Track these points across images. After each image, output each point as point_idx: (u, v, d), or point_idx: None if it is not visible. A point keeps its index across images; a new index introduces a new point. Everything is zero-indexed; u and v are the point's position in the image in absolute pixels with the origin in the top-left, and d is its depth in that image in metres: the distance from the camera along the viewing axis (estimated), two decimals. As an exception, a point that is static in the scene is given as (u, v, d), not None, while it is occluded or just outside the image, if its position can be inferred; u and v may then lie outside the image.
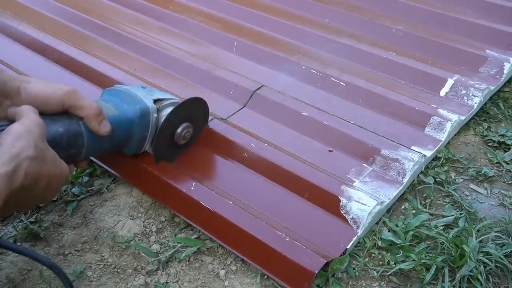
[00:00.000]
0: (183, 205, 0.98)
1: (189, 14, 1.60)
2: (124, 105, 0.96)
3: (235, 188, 1.00)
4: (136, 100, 0.97)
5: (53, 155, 0.79)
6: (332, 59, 1.37)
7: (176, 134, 1.03)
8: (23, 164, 0.71)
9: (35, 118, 0.78)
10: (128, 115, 0.95)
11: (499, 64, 1.32)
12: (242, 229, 0.91)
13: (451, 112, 1.17)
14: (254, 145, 1.07)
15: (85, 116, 0.86)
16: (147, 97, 0.99)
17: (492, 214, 1.01)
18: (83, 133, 0.86)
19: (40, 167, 0.75)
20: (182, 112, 1.02)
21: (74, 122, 0.86)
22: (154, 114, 0.98)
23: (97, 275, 0.90)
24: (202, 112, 1.09)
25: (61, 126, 0.84)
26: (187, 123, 1.04)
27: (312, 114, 1.16)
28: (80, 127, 0.86)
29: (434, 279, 0.88)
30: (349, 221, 0.93)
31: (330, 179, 1.00)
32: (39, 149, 0.75)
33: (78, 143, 0.86)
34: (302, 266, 0.85)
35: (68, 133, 0.84)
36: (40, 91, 0.84)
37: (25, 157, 0.72)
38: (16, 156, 0.71)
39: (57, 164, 0.79)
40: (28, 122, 0.76)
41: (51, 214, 1.00)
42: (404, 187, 1.03)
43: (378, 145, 1.08)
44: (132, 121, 0.95)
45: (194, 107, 1.05)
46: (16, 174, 0.71)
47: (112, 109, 0.93)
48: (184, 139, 1.05)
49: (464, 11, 1.53)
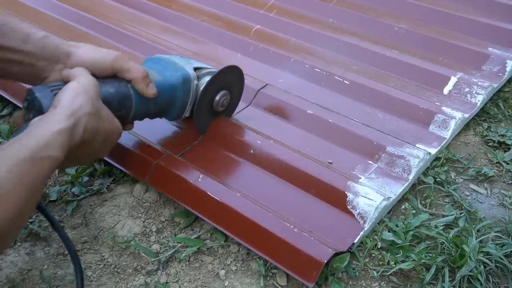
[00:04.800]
0: (190, 196, 0.98)
1: (192, 13, 1.60)
2: (166, 72, 0.99)
3: (242, 183, 1.01)
4: (177, 67, 1.01)
5: (108, 113, 0.84)
6: (335, 58, 1.37)
7: (215, 101, 1.07)
8: (82, 120, 0.76)
9: (90, 78, 0.83)
10: (170, 81, 0.99)
11: (501, 62, 1.32)
12: (249, 219, 0.92)
13: (455, 110, 1.17)
14: (260, 142, 1.07)
15: (133, 78, 0.90)
16: (187, 65, 1.03)
17: (492, 214, 1.01)
18: (132, 95, 0.91)
19: (97, 123, 0.80)
20: (220, 80, 1.06)
21: (123, 84, 0.90)
22: (194, 81, 1.03)
23: (97, 275, 0.90)
24: (238, 80, 1.13)
25: (111, 88, 0.88)
26: (224, 91, 1.08)
27: (316, 112, 1.16)
28: (129, 90, 0.90)
29: (434, 279, 0.88)
30: (356, 216, 0.94)
31: (336, 175, 1.01)
32: (96, 106, 0.80)
33: (127, 105, 0.90)
34: (310, 256, 0.85)
35: (118, 94, 0.89)
36: (90, 55, 0.88)
37: (83, 113, 0.76)
38: (76, 112, 0.75)
39: (112, 121, 0.85)
40: (84, 81, 0.81)
41: (51, 214, 1.00)
42: (410, 183, 1.02)
43: (383, 142, 1.08)
44: (175, 87, 0.99)
45: (230, 75, 1.09)
46: (76, 129, 0.75)
47: (155, 75, 0.96)
48: (222, 106, 1.10)
49: (467, 9, 1.52)
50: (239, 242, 0.92)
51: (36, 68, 0.86)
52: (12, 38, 0.83)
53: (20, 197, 0.65)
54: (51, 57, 0.86)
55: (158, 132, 1.12)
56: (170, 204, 1.02)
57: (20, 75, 0.86)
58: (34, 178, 0.67)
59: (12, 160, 0.66)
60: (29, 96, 0.81)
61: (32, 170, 0.67)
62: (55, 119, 0.73)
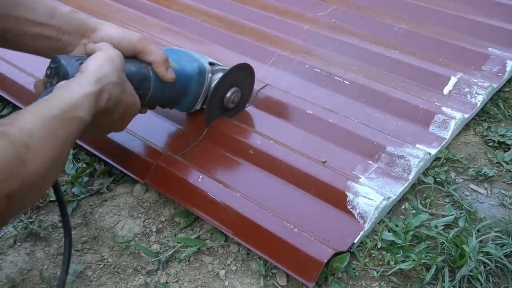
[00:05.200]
0: (190, 196, 0.99)
1: (192, 13, 1.60)
2: (183, 62, 1.02)
3: (242, 183, 1.01)
4: (194, 58, 1.05)
5: (131, 87, 0.87)
6: (335, 58, 1.37)
7: (226, 98, 1.10)
8: (107, 88, 0.79)
9: (116, 50, 0.86)
10: (187, 70, 1.02)
11: (501, 62, 1.32)
12: (249, 219, 0.92)
13: (455, 110, 1.17)
14: (260, 142, 1.08)
15: (154, 61, 0.93)
16: (202, 58, 1.07)
17: (492, 214, 1.01)
18: (151, 77, 0.93)
19: (120, 94, 0.82)
20: (232, 76, 1.09)
21: (143, 65, 0.93)
22: (209, 74, 1.06)
23: (97, 275, 0.90)
24: (249, 78, 1.16)
25: (133, 66, 0.90)
26: (235, 88, 1.11)
27: (316, 112, 1.16)
28: (149, 71, 0.93)
29: (434, 279, 0.88)
30: (356, 216, 0.94)
31: (336, 175, 1.01)
32: (121, 77, 0.83)
33: (145, 86, 0.93)
34: (310, 256, 0.85)
35: (139, 73, 0.91)
36: (115, 33, 0.91)
37: (109, 81, 0.79)
38: (102, 79, 0.78)
39: (134, 95, 0.88)
40: (111, 52, 0.84)
41: (51, 214, 1.01)
42: (410, 183, 1.02)
43: (383, 142, 1.07)
44: (191, 77, 1.03)
45: (242, 73, 1.13)
46: (102, 96, 0.78)
47: (173, 63, 0.98)
48: (233, 103, 1.12)
49: (466, 9, 1.52)
50: (239, 242, 0.92)
51: (62, 42, 0.88)
52: (40, 13, 0.85)
53: (54, 149, 0.67)
54: (77, 31, 0.89)
55: (158, 132, 1.12)
56: (170, 204, 1.02)
57: (46, 49, 0.88)
58: (65, 135, 0.70)
59: (42, 117, 0.68)
60: (53, 63, 0.84)
61: (62, 127, 0.69)
62: (83, 84, 0.76)
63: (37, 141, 0.64)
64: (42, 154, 0.65)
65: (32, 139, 0.64)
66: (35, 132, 0.65)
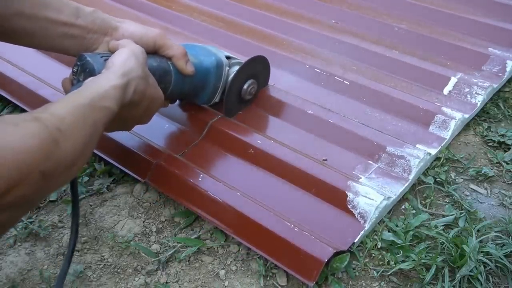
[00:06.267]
0: (190, 195, 0.99)
1: (192, 13, 1.60)
2: (201, 56, 1.05)
3: (243, 183, 1.01)
4: (211, 52, 1.08)
5: (154, 81, 0.90)
6: (335, 58, 1.37)
7: (243, 90, 1.13)
8: (133, 81, 0.82)
9: (138, 46, 0.89)
10: (205, 64, 1.05)
11: (501, 62, 1.32)
12: (250, 218, 0.92)
13: (455, 110, 1.17)
14: (260, 142, 1.07)
15: (174, 55, 0.97)
16: (219, 52, 1.10)
17: (492, 214, 1.01)
18: (171, 71, 0.97)
19: (145, 88, 0.85)
20: (249, 68, 1.12)
21: (164, 60, 0.97)
22: (226, 67, 1.09)
23: (97, 275, 0.90)
24: (265, 70, 1.19)
25: (154, 62, 0.94)
26: (252, 80, 1.14)
27: (316, 112, 1.16)
28: (169, 66, 0.97)
29: (434, 279, 0.88)
30: (356, 215, 0.94)
31: (336, 175, 1.01)
32: (145, 71, 0.86)
33: (167, 80, 0.96)
34: (311, 255, 0.85)
35: (160, 68, 0.95)
36: (135, 30, 0.95)
37: (134, 75, 0.82)
38: (128, 73, 0.81)
39: (157, 89, 0.91)
40: (135, 48, 0.87)
41: (51, 214, 1.01)
42: (410, 183, 1.02)
43: (383, 142, 1.07)
44: (209, 70, 1.06)
45: (258, 65, 1.16)
46: (128, 89, 0.81)
47: (191, 57, 1.02)
48: (250, 94, 1.15)
49: (467, 9, 1.53)
50: (239, 242, 0.93)
51: (87, 41, 0.92)
52: (66, 13, 0.89)
53: (84, 134, 0.70)
54: (100, 30, 0.93)
55: (159, 131, 1.12)
56: (170, 204, 1.02)
57: (72, 48, 0.92)
58: (94, 122, 0.73)
59: (73, 105, 0.71)
60: (79, 61, 0.87)
61: (91, 115, 0.72)
62: (110, 77, 0.79)
63: (68, 125, 0.67)
64: (74, 138, 0.68)
65: (64, 123, 0.67)
66: (67, 117, 0.68)
